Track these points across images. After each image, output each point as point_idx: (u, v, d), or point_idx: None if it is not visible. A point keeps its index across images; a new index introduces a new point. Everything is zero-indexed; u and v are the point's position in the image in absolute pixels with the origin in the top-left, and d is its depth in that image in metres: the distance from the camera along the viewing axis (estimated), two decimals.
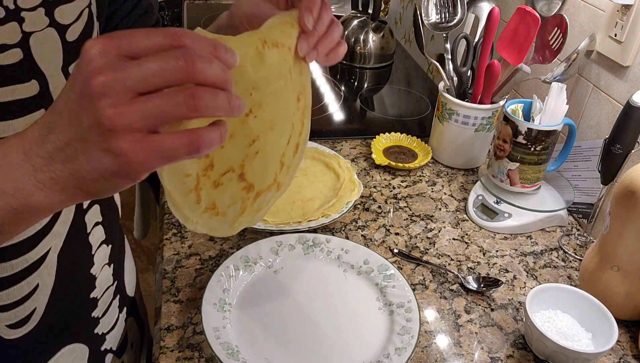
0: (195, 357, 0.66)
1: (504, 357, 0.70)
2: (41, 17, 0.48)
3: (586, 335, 0.70)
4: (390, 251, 0.85)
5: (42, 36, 0.48)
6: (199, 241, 0.83)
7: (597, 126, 0.93)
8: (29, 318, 0.55)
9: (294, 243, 0.81)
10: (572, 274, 0.85)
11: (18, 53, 0.46)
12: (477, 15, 1.13)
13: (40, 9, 0.48)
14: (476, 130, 1.02)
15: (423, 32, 1.09)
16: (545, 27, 0.95)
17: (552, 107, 0.87)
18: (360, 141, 1.14)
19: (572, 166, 0.98)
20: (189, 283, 0.76)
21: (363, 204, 0.95)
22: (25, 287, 0.53)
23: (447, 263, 0.84)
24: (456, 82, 1.05)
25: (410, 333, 0.68)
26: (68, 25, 0.51)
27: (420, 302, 0.75)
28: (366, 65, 1.50)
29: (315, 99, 1.31)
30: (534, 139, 0.88)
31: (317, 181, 0.95)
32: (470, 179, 1.05)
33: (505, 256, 0.87)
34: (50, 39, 0.50)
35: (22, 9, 0.46)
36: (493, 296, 0.79)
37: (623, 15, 0.85)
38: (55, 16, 0.50)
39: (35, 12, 0.47)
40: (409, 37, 1.71)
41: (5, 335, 0.54)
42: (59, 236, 0.55)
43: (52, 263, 0.55)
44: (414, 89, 1.44)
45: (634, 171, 0.71)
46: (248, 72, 0.43)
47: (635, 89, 0.81)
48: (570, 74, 0.93)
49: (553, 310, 0.73)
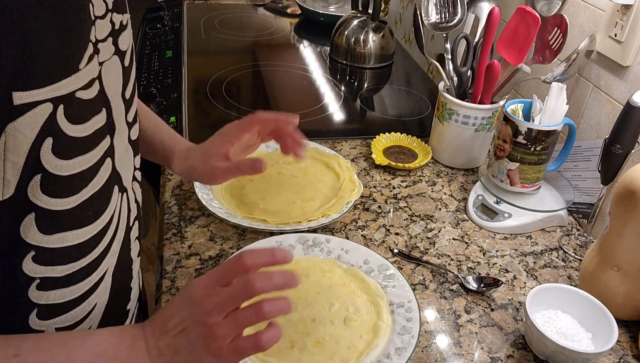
0: None
1: (504, 357, 0.70)
2: (109, 46, 0.50)
3: (586, 335, 0.70)
4: (390, 251, 0.85)
5: (109, 65, 0.50)
6: (199, 241, 0.83)
7: (597, 126, 0.93)
8: None
9: (294, 243, 0.81)
10: (572, 274, 0.85)
11: (97, 85, 0.48)
12: (477, 15, 1.13)
13: (110, 38, 0.49)
14: (476, 130, 1.02)
15: (423, 32, 1.09)
16: (545, 27, 0.95)
17: (552, 107, 0.87)
18: (360, 141, 1.14)
19: (572, 166, 0.98)
20: None
21: (363, 204, 0.95)
22: (86, 307, 0.54)
23: (447, 263, 0.84)
24: (456, 82, 1.05)
25: (410, 333, 0.68)
26: (125, 51, 0.53)
27: (420, 302, 0.75)
28: (366, 65, 1.50)
29: (315, 99, 1.31)
30: (534, 139, 0.88)
31: (317, 181, 0.95)
32: (470, 179, 1.05)
33: (505, 256, 0.87)
34: (115, 66, 0.51)
35: (99, 40, 0.47)
36: (493, 296, 0.79)
37: (623, 15, 0.85)
38: (119, 44, 0.51)
39: (106, 42, 0.49)
40: (409, 37, 1.71)
41: None
42: (114, 255, 0.57)
43: (107, 282, 0.56)
44: (414, 89, 1.44)
45: (634, 171, 0.71)
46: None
47: (635, 89, 0.81)
48: (570, 74, 0.93)
49: (553, 310, 0.73)
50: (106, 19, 0.48)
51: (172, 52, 1.49)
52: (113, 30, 0.50)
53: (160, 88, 1.28)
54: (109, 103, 0.51)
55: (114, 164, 0.53)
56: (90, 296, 0.54)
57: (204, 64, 1.46)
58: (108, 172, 0.52)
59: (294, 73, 1.45)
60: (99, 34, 0.47)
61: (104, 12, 0.48)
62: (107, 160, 0.52)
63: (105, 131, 0.50)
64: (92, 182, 0.49)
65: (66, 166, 0.46)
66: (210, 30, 1.68)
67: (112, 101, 0.51)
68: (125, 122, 0.55)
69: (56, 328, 0.53)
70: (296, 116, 0.71)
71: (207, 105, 1.23)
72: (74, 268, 0.51)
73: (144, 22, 1.72)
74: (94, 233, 0.52)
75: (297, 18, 1.86)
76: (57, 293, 0.51)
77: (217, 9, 1.86)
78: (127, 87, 0.55)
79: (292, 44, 1.68)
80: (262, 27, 1.76)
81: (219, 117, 1.19)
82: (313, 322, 0.69)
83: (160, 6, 1.82)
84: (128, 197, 0.58)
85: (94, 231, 0.52)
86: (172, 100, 1.23)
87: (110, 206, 0.53)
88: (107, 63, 0.49)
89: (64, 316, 0.53)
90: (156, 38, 1.59)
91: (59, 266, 0.50)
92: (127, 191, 0.58)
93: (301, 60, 1.54)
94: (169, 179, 0.96)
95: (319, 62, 1.53)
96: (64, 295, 0.51)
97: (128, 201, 0.58)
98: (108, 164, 0.52)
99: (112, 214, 0.54)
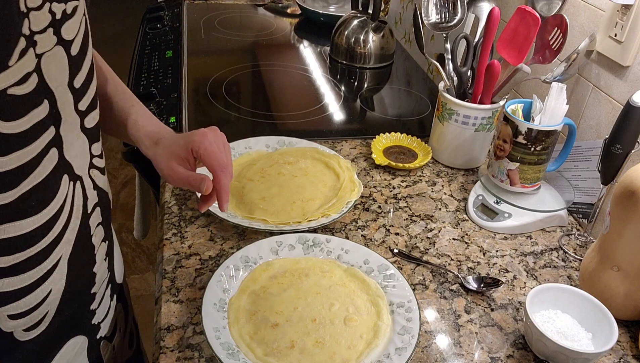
0: (195, 357, 0.66)
1: (504, 357, 0.70)
2: (50, 36, 0.48)
3: (586, 335, 0.70)
4: (390, 251, 0.85)
5: (51, 56, 0.49)
6: (199, 241, 0.83)
7: (597, 126, 0.93)
8: (42, 321, 0.57)
9: (294, 243, 0.81)
10: (572, 274, 0.85)
11: (34, 78, 0.47)
12: (477, 15, 1.13)
13: (50, 29, 0.48)
14: (476, 130, 1.02)
15: (423, 32, 1.09)
16: (545, 27, 0.95)
17: (552, 107, 0.87)
18: (360, 141, 1.14)
19: (572, 166, 0.98)
20: (189, 283, 0.76)
21: (363, 204, 0.95)
22: (40, 294, 0.55)
23: (447, 263, 0.84)
24: (456, 82, 1.05)
25: (410, 333, 0.68)
26: (72, 40, 0.52)
27: (420, 302, 0.75)
28: (366, 65, 1.50)
29: (315, 99, 1.31)
30: (534, 139, 0.88)
31: (317, 181, 0.95)
32: (470, 179, 1.05)
33: (505, 256, 0.87)
34: (59, 56, 0.50)
35: (35, 32, 0.46)
36: (493, 296, 0.79)
37: (623, 15, 0.85)
38: (62, 33, 0.50)
39: (45, 33, 0.47)
40: (409, 37, 1.71)
41: (20, 337, 0.56)
42: (69, 243, 0.57)
43: (63, 269, 0.57)
44: (414, 89, 1.44)
45: (634, 171, 0.71)
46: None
47: (635, 89, 0.81)
48: (570, 74, 0.93)
49: (553, 310, 0.73)
50: (43, 9, 0.47)
51: (172, 52, 1.49)
52: (54, 21, 0.48)
53: (160, 88, 1.28)
54: (53, 94, 0.50)
55: (61, 153, 0.53)
56: (44, 283, 0.55)
57: (204, 64, 1.46)
58: (54, 162, 0.52)
59: (294, 73, 1.45)
60: (35, 26, 0.46)
61: (40, 4, 0.46)
62: (52, 150, 0.51)
63: (48, 122, 0.50)
64: (33, 174, 0.49)
65: (1, 163, 0.46)
66: (210, 30, 1.68)
67: (55, 91, 0.50)
68: (75, 112, 0.54)
69: (9, 315, 0.53)
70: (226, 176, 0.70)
71: (207, 105, 1.23)
72: (20, 258, 0.51)
73: (144, 22, 1.72)
74: (41, 222, 0.52)
75: (297, 18, 1.86)
76: (5, 281, 0.51)
77: (217, 9, 1.86)
78: (77, 76, 0.54)
79: (292, 44, 1.68)
80: (262, 27, 1.76)
81: (219, 117, 1.19)
82: (313, 322, 0.69)
83: (160, 6, 1.82)
84: (83, 185, 0.58)
85: (41, 221, 0.52)
86: (172, 100, 1.23)
87: (59, 196, 0.53)
88: (48, 54, 0.48)
89: (15, 303, 0.53)
90: (156, 38, 1.59)
91: (3, 257, 0.50)
92: (82, 179, 0.57)
93: (301, 60, 1.54)
94: None
95: (319, 62, 1.53)
96: (13, 283, 0.52)
97: (83, 189, 0.58)
98: (53, 154, 0.51)
99: (62, 203, 0.54)
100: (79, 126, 0.56)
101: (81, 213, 0.58)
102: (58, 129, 0.52)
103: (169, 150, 0.72)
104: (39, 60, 0.47)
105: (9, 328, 0.54)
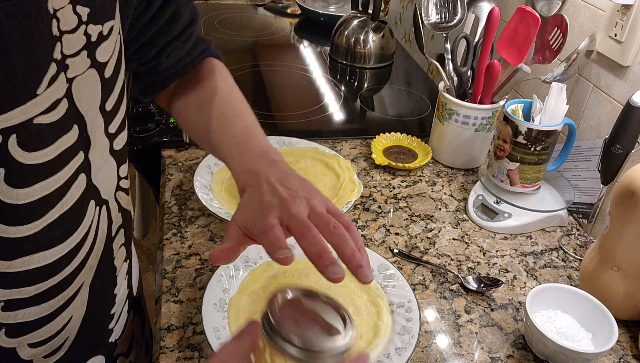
0: (195, 357, 0.66)
1: (504, 357, 0.70)
2: (83, 60, 0.45)
3: (586, 335, 0.70)
4: (390, 251, 0.85)
5: (82, 80, 0.46)
6: (199, 241, 0.83)
7: (597, 126, 0.93)
8: (61, 347, 0.56)
9: (294, 243, 0.81)
10: (572, 274, 0.85)
11: (64, 104, 0.44)
12: (477, 15, 1.13)
13: (84, 52, 0.45)
14: (476, 130, 1.02)
15: (423, 32, 1.09)
16: (545, 27, 0.95)
17: (552, 107, 0.87)
18: (360, 141, 1.14)
19: (572, 166, 0.98)
20: (189, 283, 0.76)
21: (363, 204, 0.95)
22: (60, 321, 0.53)
23: (447, 263, 0.84)
24: (456, 82, 1.05)
25: (410, 333, 0.68)
26: (106, 63, 0.49)
27: (420, 302, 0.75)
28: (366, 65, 1.50)
29: (315, 99, 1.31)
30: (534, 139, 0.88)
31: (317, 181, 0.95)
32: (470, 179, 1.05)
33: (505, 256, 0.87)
34: (91, 80, 0.47)
35: (67, 56, 0.43)
36: (493, 296, 0.79)
37: (623, 15, 0.85)
38: (97, 56, 0.47)
39: (78, 56, 0.44)
40: (409, 37, 1.71)
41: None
42: (92, 269, 0.54)
43: (84, 295, 0.55)
44: (414, 89, 1.44)
45: (634, 171, 0.71)
46: None
47: (635, 89, 0.81)
48: (570, 74, 0.93)
49: (553, 310, 0.73)
50: (78, 32, 0.44)
51: None
52: (89, 43, 0.45)
53: None
54: (83, 118, 0.47)
55: (89, 179, 0.50)
56: (64, 312, 0.53)
57: None
58: (82, 188, 0.49)
59: (294, 73, 1.45)
60: (68, 50, 0.43)
61: (75, 26, 0.43)
62: (81, 176, 0.49)
63: (78, 147, 0.47)
64: (60, 203, 0.46)
65: (24, 194, 0.43)
66: (210, 30, 1.68)
67: (86, 116, 0.47)
68: (104, 136, 0.51)
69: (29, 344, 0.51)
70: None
71: None
72: (42, 288, 0.49)
73: None
74: (65, 252, 0.49)
75: (297, 18, 1.86)
76: (26, 312, 0.49)
77: (217, 9, 1.86)
78: (109, 99, 0.51)
79: (292, 44, 1.68)
80: (262, 27, 1.76)
81: None
82: None
83: None
84: (109, 209, 0.55)
85: (65, 250, 0.49)
86: None
87: (85, 223, 0.51)
88: (79, 78, 0.45)
89: (36, 332, 0.51)
90: None
91: (26, 287, 0.48)
92: (107, 203, 0.54)
93: (301, 60, 1.54)
94: (169, 179, 0.96)
95: (319, 62, 1.53)
96: (34, 313, 0.50)
97: (109, 213, 0.55)
98: (82, 180, 0.49)
99: (87, 230, 0.51)
100: (108, 150, 0.53)
101: (105, 237, 0.55)
102: (87, 154, 0.49)
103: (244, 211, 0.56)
104: (69, 85, 0.44)
105: (29, 356, 0.53)
